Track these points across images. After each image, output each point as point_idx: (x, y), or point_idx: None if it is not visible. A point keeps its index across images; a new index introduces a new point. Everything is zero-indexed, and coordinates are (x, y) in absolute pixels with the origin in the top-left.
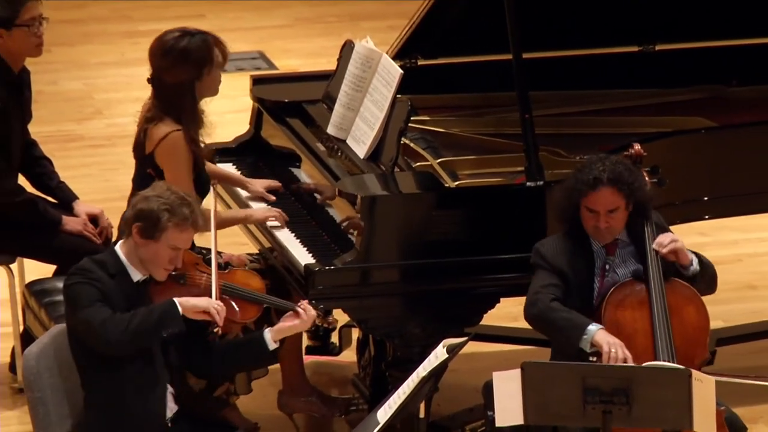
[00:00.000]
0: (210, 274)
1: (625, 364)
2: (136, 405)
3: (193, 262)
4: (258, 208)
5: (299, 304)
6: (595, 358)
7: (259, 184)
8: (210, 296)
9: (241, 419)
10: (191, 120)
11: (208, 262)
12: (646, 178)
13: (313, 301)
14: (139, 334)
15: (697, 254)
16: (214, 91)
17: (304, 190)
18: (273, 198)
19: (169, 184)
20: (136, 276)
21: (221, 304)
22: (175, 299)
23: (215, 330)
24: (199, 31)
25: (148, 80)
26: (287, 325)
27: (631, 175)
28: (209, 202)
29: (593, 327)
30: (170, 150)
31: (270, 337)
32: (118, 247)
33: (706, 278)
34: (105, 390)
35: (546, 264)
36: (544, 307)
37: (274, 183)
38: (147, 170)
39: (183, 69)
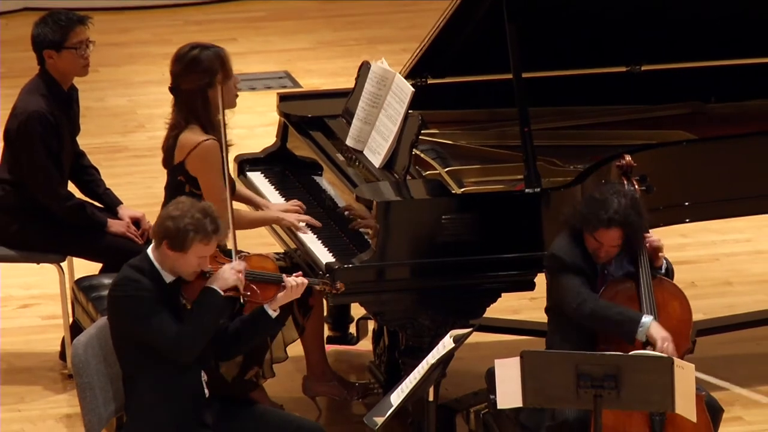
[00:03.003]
0: (228, 263)
1: (614, 353)
2: (175, 390)
3: (212, 255)
4: (289, 213)
5: (293, 278)
6: (649, 347)
7: (278, 208)
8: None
9: (268, 401)
10: (207, 124)
11: (224, 253)
12: (635, 187)
13: (320, 272)
14: (205, 336)
15: (666, 260)
16: (230, 103)
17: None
18: (304, 207)
19: (191, 199)
20: (168, 278)
21: (240, 268)
22: (213, 287)
23: (242, 301)
24: (212, 45)
25: (169, 89)
26: (281, 296)
27: (638, 218)
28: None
29: (647, 319)
30: (203, 158)
31: (270, 308)
32: (150, 252)
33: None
34: (147, 384)
35: (567, 265)
36: (595, 305)
37: (292, 207)
38: (178, 178)
39: (194, 76)
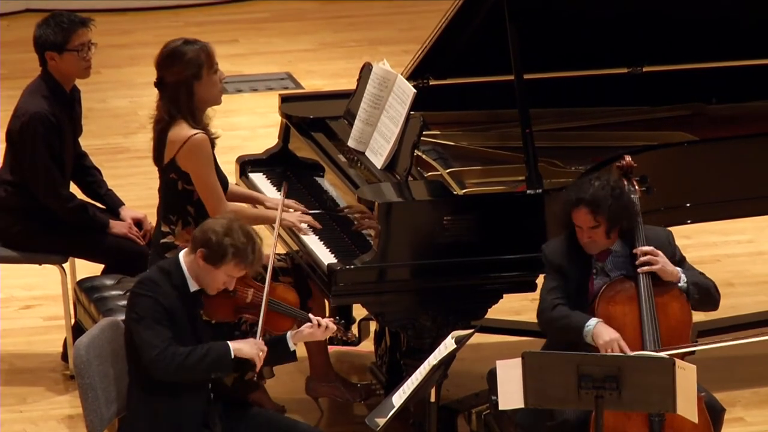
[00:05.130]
0: (255, 289)
1: (615, 354)
2: (179, 391)
3: (243, 277)
4: (291, 213)
5: (319, 319)
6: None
7: (276, 203)
8: (258, 311)
9: (270, 402)
10: (189, 115)
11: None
12: (636, 187)
13: (337, 317)
14: (189, 372)
15: (692, 275)
16: (215, 99)
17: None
18: (301, 208)
19: (236, 219)
20: (193, 287)
21: (264, 350)
22: (231, 346)
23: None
24: (198, 40)
25: (155, 84)
26: (306, 332)
27: (612, 200)
28: (243, 205)
29: (589, 327)
30: (193, 152)
31: (291, 340)
32: (182, 257)
33: (697, 297)
34: (151, 385)
35: (548, 264)
36: (549, 315)
37: (295, 205)
38: (170, 176)
39: (179, 68)
